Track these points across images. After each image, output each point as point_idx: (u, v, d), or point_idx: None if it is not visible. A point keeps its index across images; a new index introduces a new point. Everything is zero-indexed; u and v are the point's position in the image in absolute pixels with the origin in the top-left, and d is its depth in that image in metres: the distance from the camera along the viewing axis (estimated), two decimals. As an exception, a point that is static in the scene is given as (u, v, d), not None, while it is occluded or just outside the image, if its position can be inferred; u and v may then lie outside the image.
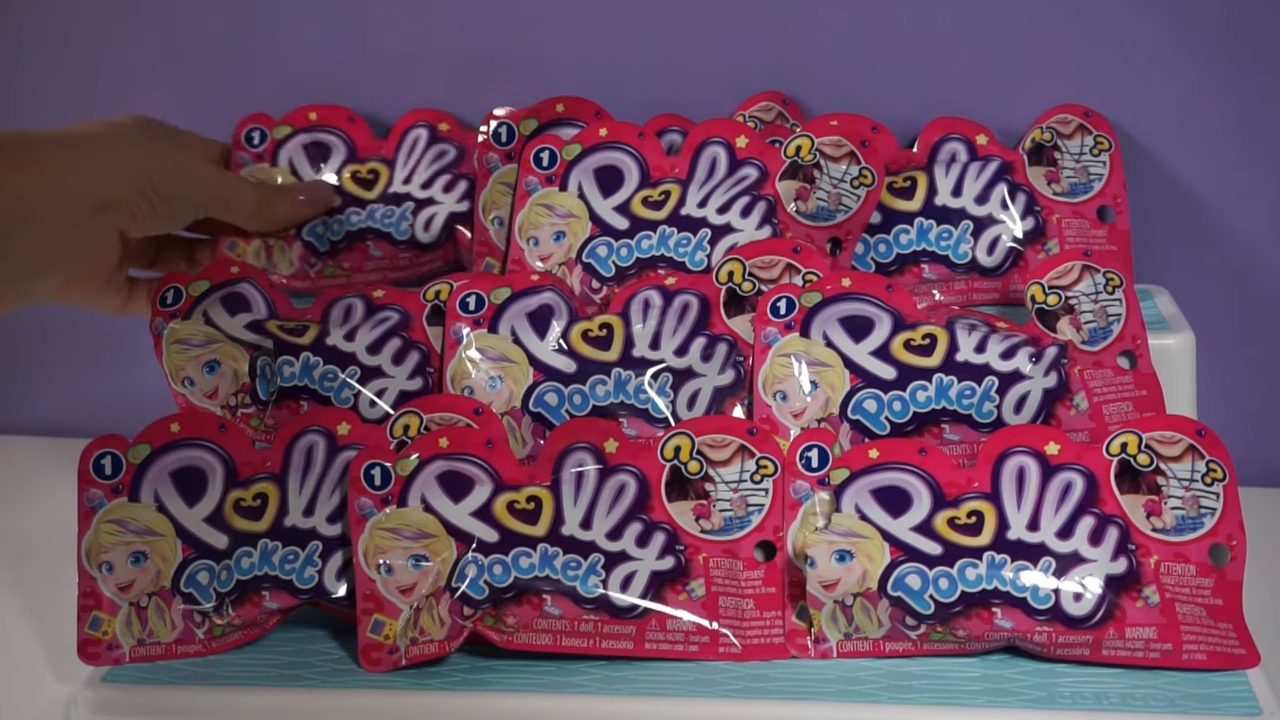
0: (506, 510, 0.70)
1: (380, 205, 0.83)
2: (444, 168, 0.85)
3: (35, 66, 0.91)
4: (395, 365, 0.77)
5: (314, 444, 0.73)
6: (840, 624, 0.70)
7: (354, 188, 0.84)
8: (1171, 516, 0.70)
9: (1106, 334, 0.77)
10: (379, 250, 0.83)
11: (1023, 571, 0.68)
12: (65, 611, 0.74)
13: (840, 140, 0.81)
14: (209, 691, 0.68)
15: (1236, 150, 0.87)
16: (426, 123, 0.86)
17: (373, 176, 0.84)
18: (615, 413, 0.76)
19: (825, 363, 0.75)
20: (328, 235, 0.83)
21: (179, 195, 0.74)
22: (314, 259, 0.83)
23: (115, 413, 0.95)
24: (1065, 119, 0.85)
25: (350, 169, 0.84)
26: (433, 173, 0.84)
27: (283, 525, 0.72)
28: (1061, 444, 0.70)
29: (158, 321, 0.78)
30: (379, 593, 0.69)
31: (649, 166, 0.82)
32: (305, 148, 0.84)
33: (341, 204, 0.83)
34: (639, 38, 0.89)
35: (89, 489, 0.71)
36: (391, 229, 0.83)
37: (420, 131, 0.85)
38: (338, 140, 0.85)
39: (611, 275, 0.80)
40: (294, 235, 0.83)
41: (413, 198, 0.84)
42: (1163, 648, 0.68)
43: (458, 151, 0.85)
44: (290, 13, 0.89)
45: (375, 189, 0.84)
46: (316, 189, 0.83)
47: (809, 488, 0.71)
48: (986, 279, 0.84)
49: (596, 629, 0.69)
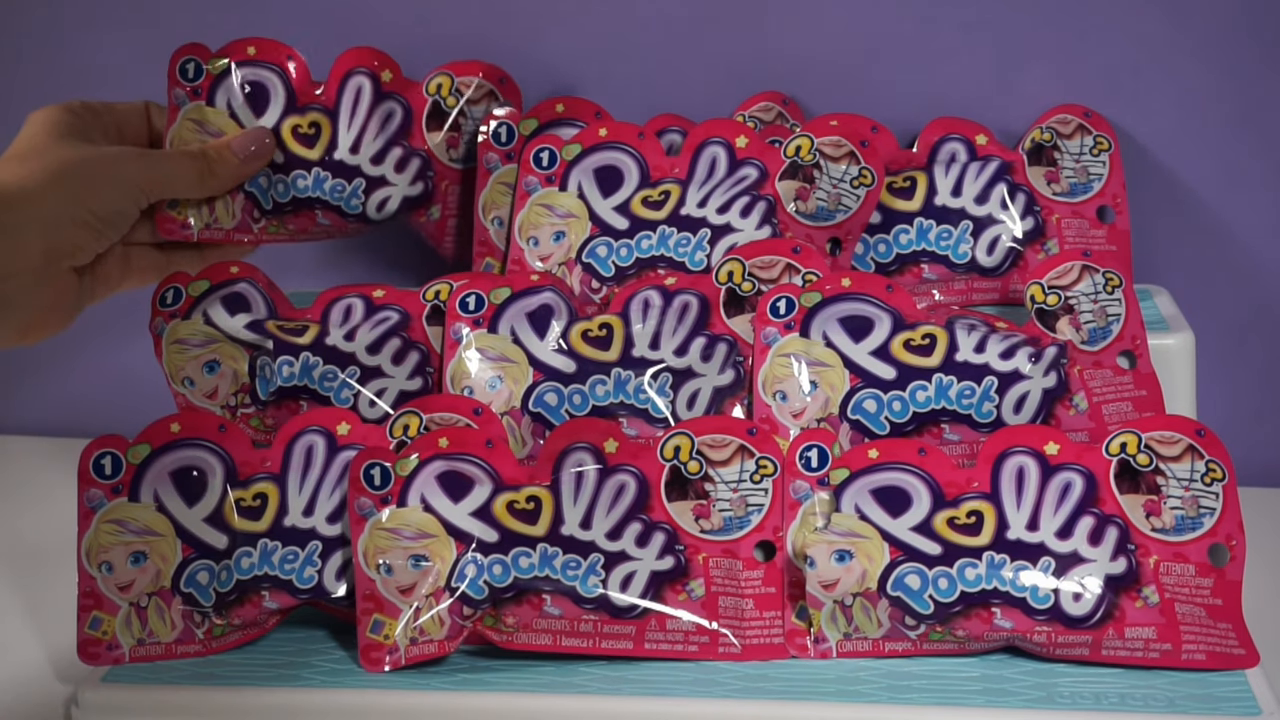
0: (506, 510, 0.70)
1: (330, 177, 0.81)
2: (392, 137, 0.82)
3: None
4: (395, 365, 0.77)
5: (314, 444, 0.73)
6: (840, 624, 0.70)
7: (296, 146, 0.81)
8: (1171, 516, 0.70)
9: (1106, 334, 0.77)
10: (327, 219, 0.81)
11: (1022, 571, 0.68)
12: (65, 611, 0.74)
13: (840, 140, 0.81)
14: (209, 691, 0.68)
15: (1236, 150, 0.87)
16: (368, 70, 0.82)
17: (314, 131, 0.81)
18: (615, 413, 0.76)
19: (825, 363, 0.75)
20: (272, 193, 0.80)
21: (117, 208, 0.72)
22: (257, 214, 0.80)
23: (115, 413, 0.95)
24: (1065, 119, 0.85)
25: (291, 122, 0.81)
26: (382, 145, 0.82)
27: (282, 525, 0.72)
28: (1061, 444, 0.70)
29: (157, 321, 0.78)
30: (379, 593, 0.69)
31: (649, 166, 0.82)
32: (244, 92, 0.81)
33: (284, 161, 0.81)
34: (639, 38, 0.89)
35: (89, 489, 0.71)
36: (342, 203, 0.81)
37: (362, 81, 0.82)
38: (275, 79, 0.81)
39: (611, 275, 0.80)
40: (236, 188, 0.80)
41: (364, 174, 0.81)
42: (1162, 648, 0.68)
43: (404, 113, 0.82)
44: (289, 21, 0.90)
45: (318, 146, 0.81)
46: (256, 147, 0.79)
47: (809, 488, 0.71)
48: (986, 279, 0.84)
49: (596, 629, 0.69)
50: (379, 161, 0.82)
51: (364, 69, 0.82)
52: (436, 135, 0.83)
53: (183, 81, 0.80)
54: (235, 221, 0.79)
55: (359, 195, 0.81)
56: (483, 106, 0.84)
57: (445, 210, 0.84)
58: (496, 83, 0.84)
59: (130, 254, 0.77)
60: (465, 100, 0.83)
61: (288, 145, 0.81)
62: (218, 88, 0.80)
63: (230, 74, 0.80)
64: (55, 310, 0.71)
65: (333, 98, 0.82)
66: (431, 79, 0.83)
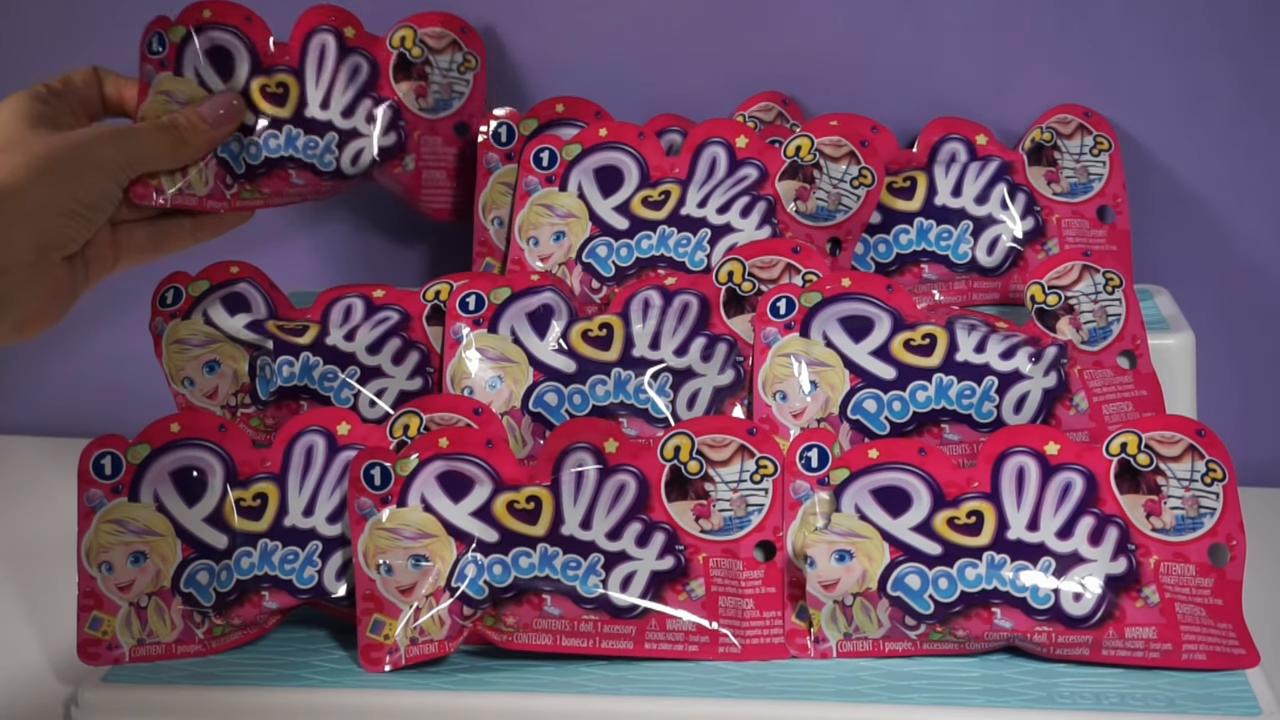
0: (506, 510, 0.70)
1: (302, 134, 0.80)
2: (361, 89, 0.82)
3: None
4: (395, 365, 0.77)
5: (314, 444, 0.73)
6: (840, 624, 0.70)
7: (266, 105, 0.80)
8: (1171, 516, 0.70)
9: (1106, 334, 0.77)
10: (301, 179, 0.81)
11: (1022, 571, 0.68)
12: (65, 611, 0.74)
13: (840, 140, 0.81)
14: (209, 691, 0.68)
15: (1236, 150, 0.87)
16: (330, 26, 0.82)
17: (282, 91, 0.81)
18: (615, 413, 0.76)
19: (825, 363, 0.75)
20: (244, 157, 0.80)
21: (101, 191, 0.72)
22: (230, 179, 0.79)
23: (115, 413, 0.95)
24: (1065, 119, 0.85)
25: (258, 82, 0.80)
26: (352, 97, 0.82)
27: (282, 525, 0.72)
28: (1061, 444, 0.70)
29: (157, 321, 0.78)
30: (379, 593, 0.69)
31: (649, 166, 0.82)
32: (209, 57, 0.80)
33: (255, 122, 0.80)
34: (639, 38, 0.89)
35: (89, 489, 0.71)
36: (315, 160, 0.80)
37: (326, 37, 0.82)
38: (237, 41, 0.81)
39: (611, 275, 0.80)
40: (210, 154, 0.79)
41: (335, 128, 0.81)
42: (1162, 648, 0.68)
43: (371, 67, 0.82)
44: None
45: (288, 105, 0.80)
46: (225, 110, 0.79)
47: (809, 488, 0.71)
48: (986, 279, 0.84)
49: (596, 629, 0.69)
50: (350, 114, 0.82)
51: (326, 26, 0.82)
52: (405, 85, 0.83)
53: (151, 56, 0.80)
54: (209, 188, 0.79)
55: (332, 150, 0.81)
56: (447, 56, 0.84)
57: (419, 161, 0.84)
58: (458, 32, 0.84)
59: (119, 234, 0.76)
60: (430, 50, 0.83)
61: (257, 105, 0.80)
62: (182, 56, 0.80)
63: (191, 40, 0.80)
64: (51, 303, 0.71)
65: (297, 56, 0.81)
66: (395, 32, 0.83)
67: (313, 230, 0.96)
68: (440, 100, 0.84)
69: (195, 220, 0.79)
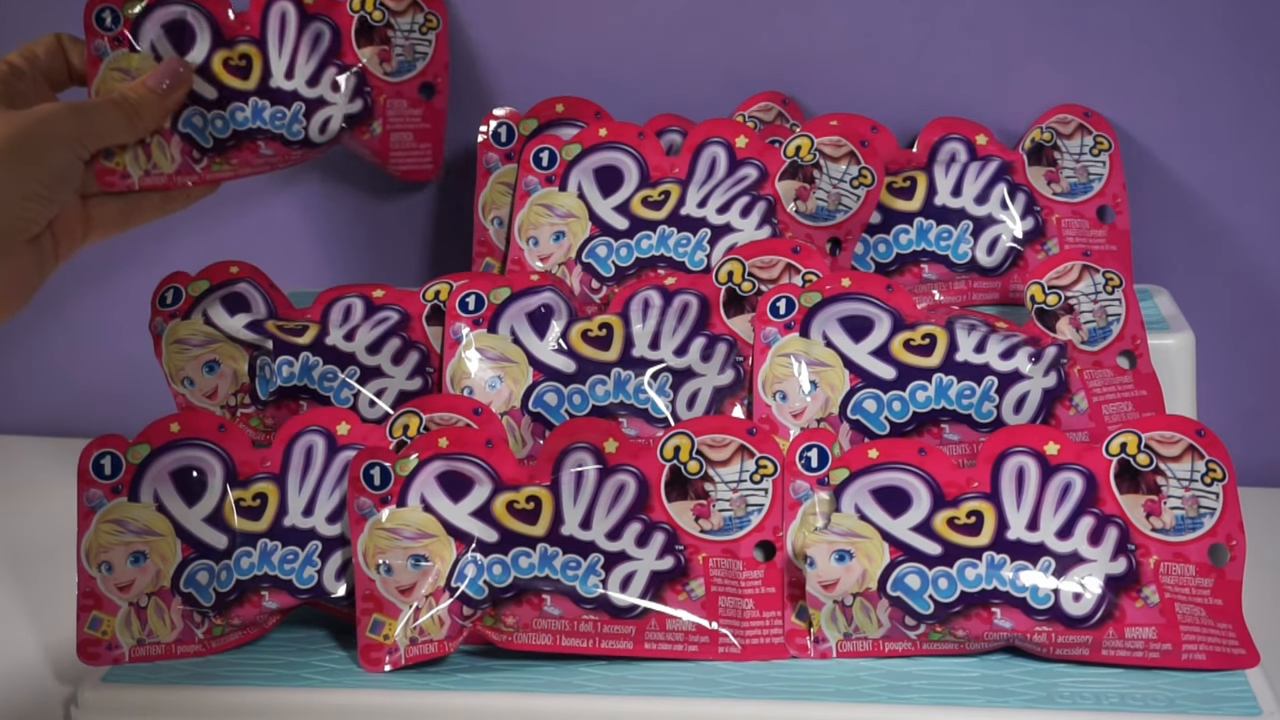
0: (506, 510, 0.70)
1: (268, 105, 0.80)
2: (325, 56, 0.82)
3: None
4: (395, 365, 0.77)
5: (313, 444, 0.73)
6: (840, 624, 0.70)
7: (229, 78, 0.80)
8: (1171, 516, 0.70)
9: (1106, 334, 0.77)
10: (270, 150, 0.80)
11: (1022, 571, 0.68)
12: (65, 611, 0.74)
13: (840, 140, 0.81)
14: (209, 691, 0.68)
15: (1236, 150, 0.87)
16: None
17: (245, 63, 0.80)
18: (615, 413, 0.76)
19: (825, 363, 0.75)
20: (210, 130, 0.79)
21: (61, 168, 0.71)
22: (197, 154, 0.79)
23: (115, 413, 0.95)
24: (1065, 119, 0.85)
25: (221, 55, 0.80)
26: (316, 65, 0.81)
27: (282, 525, 0.72)
28: (1061, 444, 0.70)
29: (157, 321, 0.78)
30: (379, 593, 0.69)
31: (649, 166, 0.82)
32: (168, 32, 0.80)
33: (220, 96, 0.80)
34: (639, 38, 0.89)
35: (89, 489, 0.71)
36: (284, 130, 0.80)
37: (285, 6, 0.81)
38: (197, 15, 0.80)
39: (611, 275, 0.80)
40: (170, 130, 0.79)
41: (301, 96, 0.81)
42: (1162, 648, 0.68)
43: (333, 33, 0.82)
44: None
45: (251, 77, 0.80)
46: (171, 79, 0.78)
47: (809, 488, 0.71)
48: (986, 279, 0.84)
49: (596, 629, 0.69)
50: (314, 83, 0.81)
51: None
52: (368, 50, 0.83)
53: (100, 31, 0.79)
54: (175, 165, 0.78)
55: (300, 119, 0.81)
56: (409, 18, 0.84)
57: (386, 125, 0.84)
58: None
59: (89, 207, 0.76)
60: (391, 13, 0.83)
61: (221, 79, 0.80)
62: (139, 32, 0.79)
63: (149, 15, 0.80)
64: (16, 287, 0.70)
65: (258, 26, 0.81)
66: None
67: (313, 230, 0.96)
68: (404, 63, 0.84)
69: (164, 194, 0.79)
